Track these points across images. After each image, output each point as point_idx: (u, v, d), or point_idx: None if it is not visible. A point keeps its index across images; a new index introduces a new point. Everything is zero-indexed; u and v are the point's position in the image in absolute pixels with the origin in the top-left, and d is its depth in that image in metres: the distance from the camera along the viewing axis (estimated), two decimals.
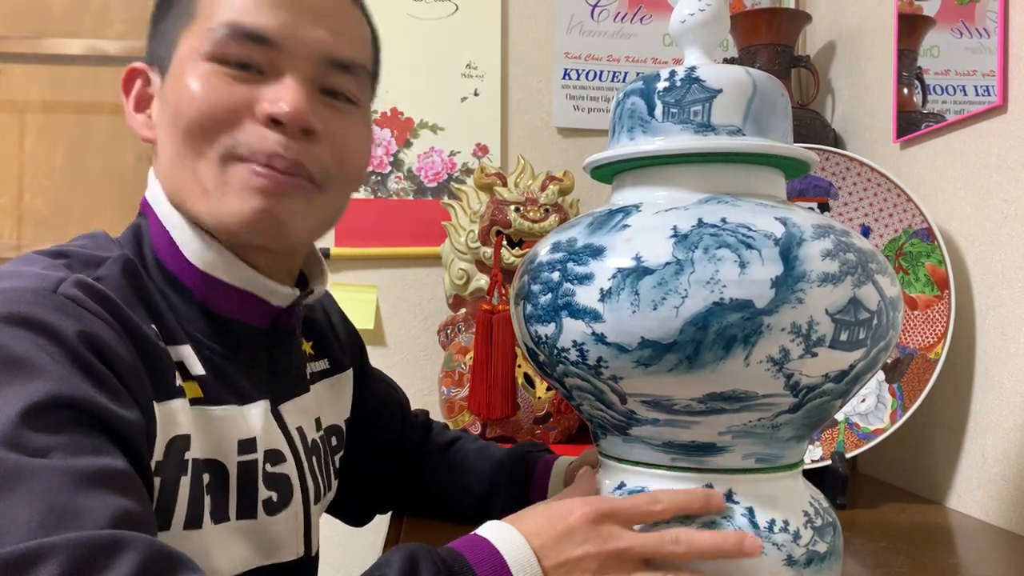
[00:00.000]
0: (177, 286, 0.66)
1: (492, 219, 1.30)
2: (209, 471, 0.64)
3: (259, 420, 0.68)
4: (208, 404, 0.64)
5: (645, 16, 1.63)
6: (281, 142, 0.63)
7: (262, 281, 0.68)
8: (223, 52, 0.64)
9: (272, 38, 0.64)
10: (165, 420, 0.59)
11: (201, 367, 0.64)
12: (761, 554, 0.58)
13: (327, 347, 0.85)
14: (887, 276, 0.59)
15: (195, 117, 0.63)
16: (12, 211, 1.73)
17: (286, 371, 0.74)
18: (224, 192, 0.64)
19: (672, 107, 0.62)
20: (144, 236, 0.68)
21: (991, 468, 1.02)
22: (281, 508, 0.69)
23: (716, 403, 0.57)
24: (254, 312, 0.69)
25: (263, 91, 0.64)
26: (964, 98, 1.08)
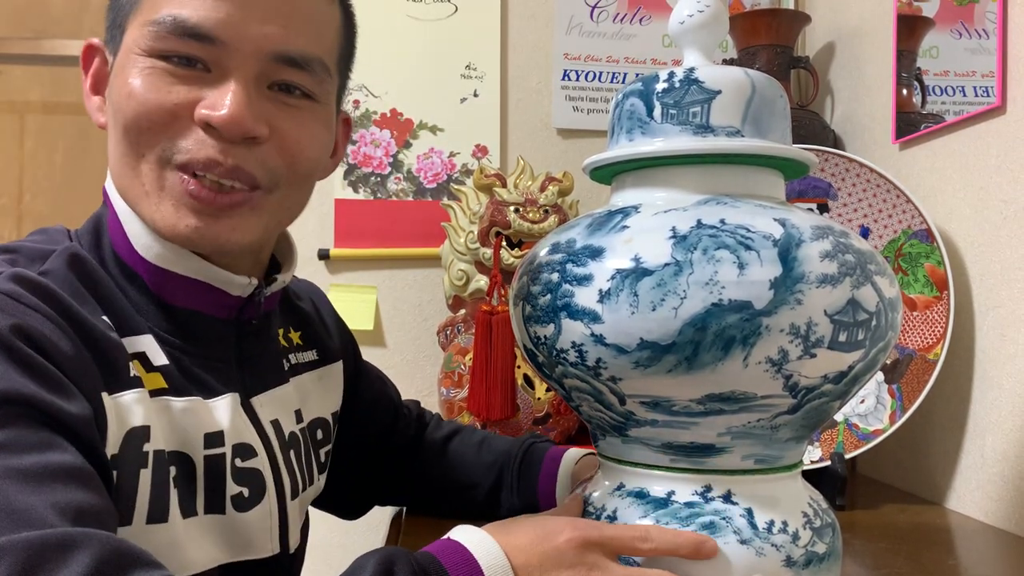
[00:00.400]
0: (133, 278, 0.64)
1: (491, 220, 1.30)
2: (175, 463, 0.62)
3: (226, 413, 0.65)
4: (171, 395, 0.62)
5: (644, 17, 1.63)
6: (219, 147, 0.60)
7: (216, 272, 0.65)
8: (164, 48, 0.60)
9: (216, 35, 0.60)
10: (119, 412, 0.57)
11: (164, 357, 0.63)
12: (760, 555, 0.58)
13: (316, 338, 0.83)
14: (886, 277, 0.60)
15: (133, 118, 0.60)
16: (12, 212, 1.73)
17: (257, 362, 0.71)
18: (160, 199, 0.62)
19: (671, 108, 0.62)
20: (103, 227, 0.66)
21: (990, 469, 1.02)
22: (252, 504, 0.67)
23: (715, 404, 0.57)
24: (212, 303, 0.67)
25: (205, 92, 0.60)
26: (963, 99, 1.08)
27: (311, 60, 0.64)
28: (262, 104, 0.62)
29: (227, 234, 0.62)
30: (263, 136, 0.62)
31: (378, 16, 1.59)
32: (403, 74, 1.59)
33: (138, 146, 0.61)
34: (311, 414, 0.80)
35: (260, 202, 0.64)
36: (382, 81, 1.58)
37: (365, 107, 1.58)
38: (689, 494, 0.61)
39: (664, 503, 0.61)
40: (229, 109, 0.59)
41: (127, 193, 0.64)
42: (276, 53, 0.62)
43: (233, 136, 0.60)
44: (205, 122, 0.60)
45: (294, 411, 0.76)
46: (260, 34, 0.61)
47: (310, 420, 0.79)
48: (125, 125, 0.61)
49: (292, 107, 0.64)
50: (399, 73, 1.59)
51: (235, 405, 0.67)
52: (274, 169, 0.64)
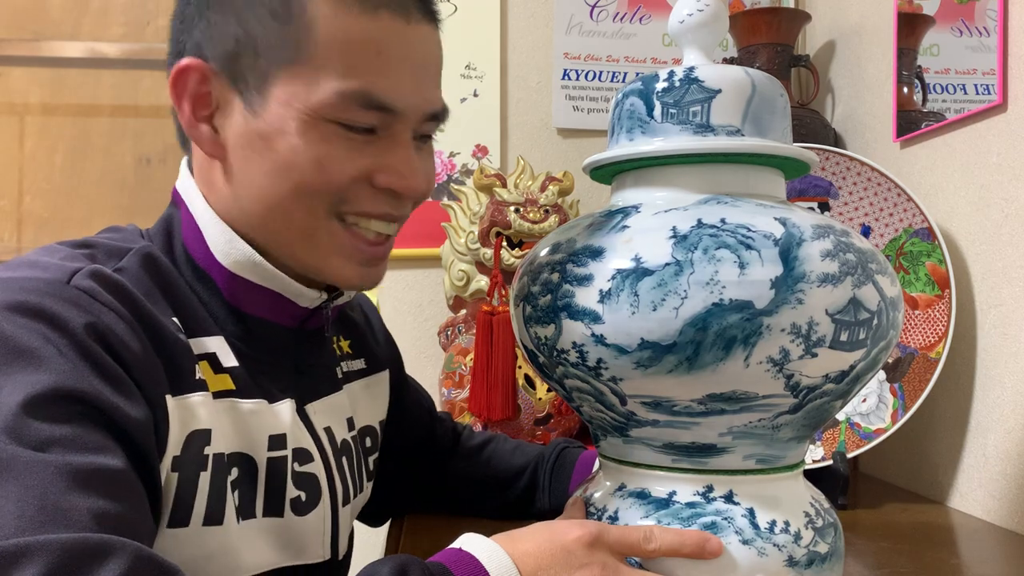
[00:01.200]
0: (206, 281, 0.66)
1: (492, 220, 1.30)
2: (238, 465, 0.63)
3: (287, 417, 0.67)
4: (239, 397, 0.64)
5: (644, 16, 1.63)
6: (392, 204, 0.66)
7: (289, 283, 0.67)
8: (348, 118, 0.62)
9: (399, 107, 0.63)
10: (182, 414, 0.59)
11: (234, 359, 0.64)
12: (762, 555, 0.58)
13: (365, 346, 0.84)
14: (887, 276, 0.59)
15: (313, 181, 0.62)
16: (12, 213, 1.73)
17: (313, 370, 0.73)
18: (329, 253, 0.65)
19: (671, 108, 0.62)
20: (175, 228, 0.68)
21: (993, 467, 1.01)
22: (309, 508, 0.68)
23: (716, 404, 0.57)
24: (282, 312, 0.68)
25: (378, 157, 0.64)
26: (964, 97, 1.07)
27: (446, 112, 0.69)
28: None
29: (377, 277, 0.69)
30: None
31: None
32: None
33: (312, 203, 0.63)
34: (361, 422, 0.81)
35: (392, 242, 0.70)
36: None
37: None
38: (691, 494, 0.60)
39: (665, 503, 0.61)
40: (414, 179, 0.65)
41: (277, 235, 0.65)
42: (432, 113, 0.67)
43: (414, 198, 0.67)
44: (392, 189, 0.64)
45: (346, 419, 0.77)
46: (427, 100, 0.65)
47: (360, 428, 0.80)
48: (301, 185, 0.62)
49: (426, 152, 0.69)
50: None
51: (292, 411, 0.68)
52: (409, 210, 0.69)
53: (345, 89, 0.61)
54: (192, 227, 0.67)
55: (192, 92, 0.64)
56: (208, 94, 0.64)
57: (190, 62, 0.63)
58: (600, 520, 0.63)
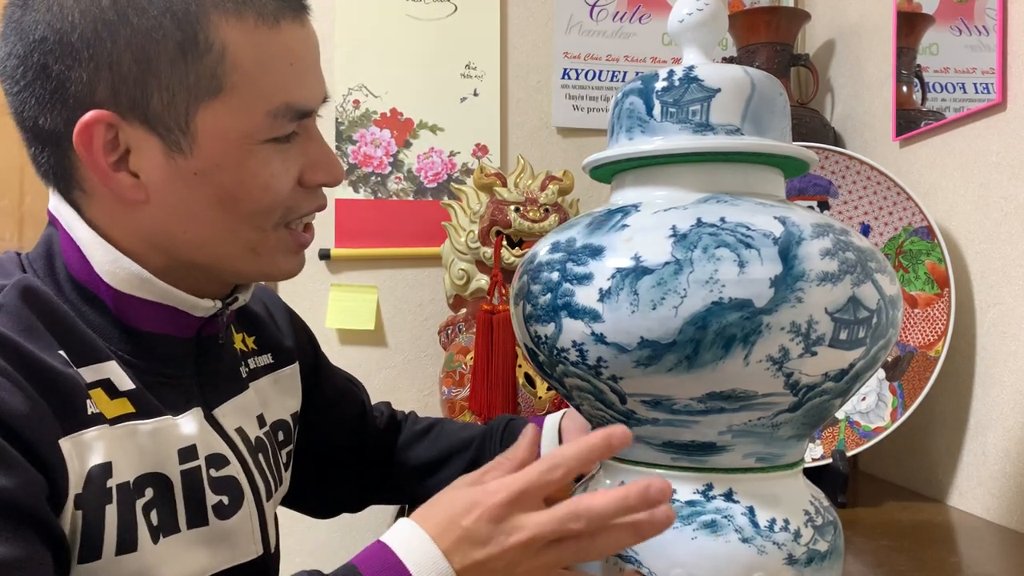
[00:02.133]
0: (93, 301, 0.64)
1: (492, 219, 1.30)
2: (152, 486, 0.62)
3: (194, 427, 0.66)
4: (140, 418, 0.62)
5: (644, 16, 1.63)
6: (322, 196, 0.69)
7: (183, 296, 0.65)
8: (281, 134, 0.63)
9: (314, 108, 0.66)
10: (80, 451, 0.57)
11: (130, 381, 0.62)
12: (761, 553, 0.58)
13: (270, 340, 0.83)
14: (886, 275, 0.59)
15: (263, 203, 0.64)
16: (13, 213, 1.73)
17: (216, 375, 0.72)
18: (274, 255, 0.67)
19: (671, 107, 0.62)
20: (55, 249, 0.65)
21: (992, 466, 1.02)
22: (234, 510, 0.68)
23: (716, 402, 0.57)
24: (176, 324, 0.67)
25: (303, 157, 0.66)
26: (963, 96, 1.08)
27: None
28: None
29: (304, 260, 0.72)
30: None
31: (378, 16, 1.59)
32: (403, 74, 1.59)
33: (262, 223, 0.65)
34: (272, 417, 0.80)
35: None
36: (382, 81, 1.58)
37: (365, 107, 1.58)
38: (690, 493, 0.61)
39: None
40: (336, 168, 0.68)
41: (220, 258, 0.66)
42: None
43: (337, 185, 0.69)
44: (325, 184, 0.68)
45: (256, 416, 0.76)
46: (324, 91, 0.67)
47: (272, 423, 0.80)
48: (255, 211, 0.64)
49: None
50: (399, 73, 1.59)
51: (200, 419, 0.67)
52: None
53: (272, 108, 0.62)
54: (72, 248, 0.64)
55: (99, 143, 0.60)
56: (115, 140, 0.60)
57: (96, 115, 0.59)
58: None
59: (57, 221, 0.65)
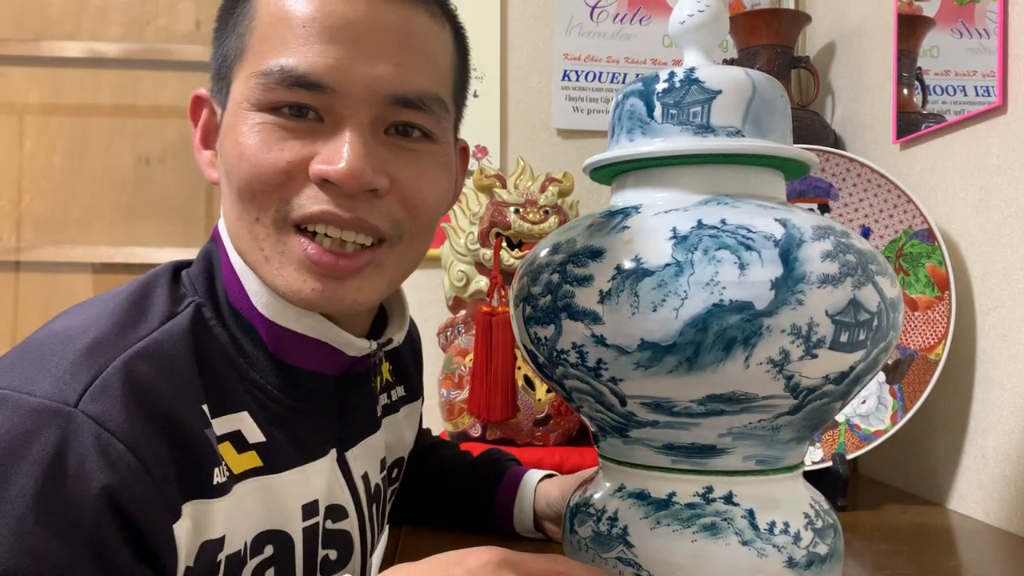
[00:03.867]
0: (249, 331, 0.60)
1: (491, 221, 1.30)
2: (272, 542, 0.58)
3: (323, 478, 0.62)
4: (269, 472, 0.58)
5: (644, 17, 1.63)
6: (335, 201, 0.56)
7: (337, 332, 0.61)
8: (273, 100, 0.55)
9: (326, 82, 0.55)
10: (197, 521, 0.52)
11: (261, 433, 0.58)
12: (761, 556, 0.58)
13: (405, 373, 0.80)
14: (887, 277, 0.59)
15: (247, 181, 0.56)
16: (11, 213, 1.73)
17: (357, 412, 0.68)
18: (282, 264, 0.57)
19: (671, 108, 0.62)
20: (217, 272, 0.61)
21: (992, 469, 1.01)
22: (339, 567, 0.64)
23: (716, 405, 0.57)
24: (328, 362, 0.63)
25: (319, 145, 0.56)
26: (964, 98, 1.07)
27: (428, 98, 0.59)
28: (380, 152, 0.57)
29: (353, 295, 0.58)
30: (383, 188, 0.57)
31: None
32: None
33: (253, 209, 0.57)
34: (393, 456, 0.77)
35: (384, 259, 0.60)
36: None
37: None
38: (690, 495, 0.60)
39: (665, 504, 0.60)
40: (347, 162, 0.55)
41: (246, 256, 0.59)
42: (392, 95, 0.57)
43: (352, 190, 0.56)
44: (322, 178, 0.55)
45: (379, 460, 0.73)
46: (372, 76, 0.56)
47: (391, 463, 0.76)
48: (239, 188, 0.57)
49: (412, 151, 0.60)
50: None
51: (332, 464, 0.64)
52: (398, 220, 0.59)
53: (263, 68, 0.55)
54: (232, 273, 0.60)
55: (204, 125, 0.61)
56: (214, 123, 0.61)
57: (201, 92, 0.60)
58: (600, 521, 0.63)
59: (221, 243, 0.62)
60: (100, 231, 1.73)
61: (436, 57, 0.61)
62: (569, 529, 0.67)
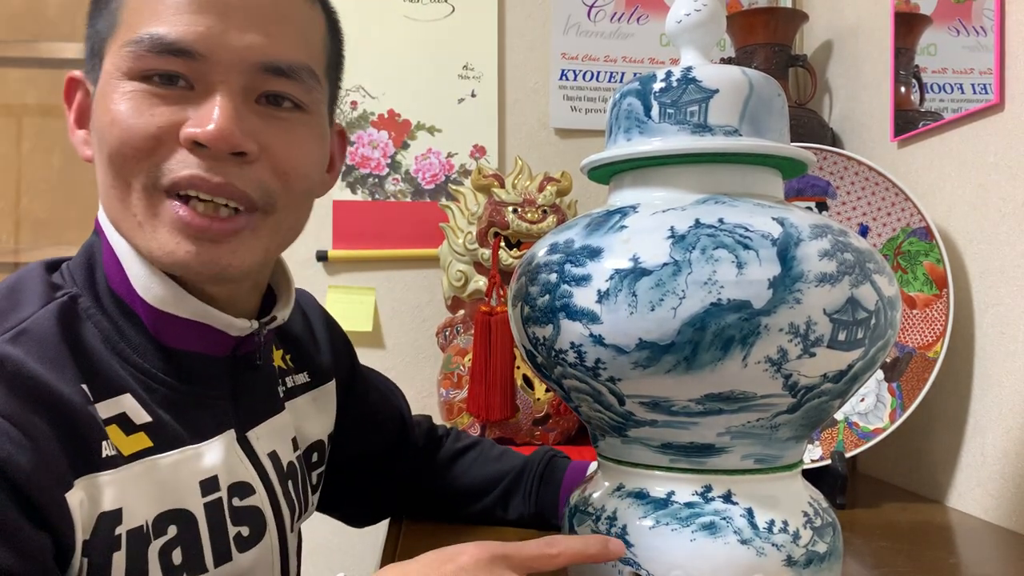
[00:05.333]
0: (130, 316, 0.61)
1: (490, 220, 1.30)
2: (175, 522, 0.59)
3: (219, 455, 0.63)
4: (158, 452, 0.59)
5: (642, 16, 1.63)
6: (204, 165, 0.57)
7: (217, 315, 0.62)
8: (144, 68, 0.57)
9: (196, 49, 0.57)
10: (91, 495, 0.54)
11: (147, 414, 0.59)
12: (760, 555, 0.58)
13: (306, 359, 0.80)
14: (885, 275, 0.59)
15: (117, 146, 0.57)
16: (10, 215, 1.72)
17: (252, 395, 0.69)
18: (155, 227, 0.58)
19: (669, 108, 0.62)
20: (97, 260, 0.63)
21: (991, 466, 1.02)
22: (254, 543, 0.65)
23: (714, 404, 0.57)
24: (212, 343, 0.64)
25: (189, 111, 0.57)
26: (961, 96, 1.08)
27: (298, 68, 0.61)
28: (251, 119, 0.59)
29: (227, 258, 0.59)
30: (253, 152, 0.59)
31: (375, 17, 1.58)
32: (400, 75, 1.59)
33: (125, 174, 0.58)
34: (308, 438, 0.78)
35: (258, 224, 0.61)
36: (379, 82, 1.58)
37: (362, 108, 1.58)
38: (689, 494, 0.60)
39: (664, 503, 0.61)
40: (216, 123, 0.56)
41: (120, 226, 0.60)
42: (261, 63, 0.59)
43: (221, 152, 0.57)
44: (192, 141, 0.57)
45: (291, 439, 0.74)
46: (242, 44, 0.58)
47: (307, 445, 0.77)
48: (110, 154, 0.57)
49: (282, 120, 0.61)
50: (396, 74, 1.59)
51: (230, 443, 0.65)
52: (269, 188, 0.60)
53: (133, 37, 0.57)
54: (113, 259, 0.62)
55: (78, 105, 0.63)
56: (88, 103, 0.62)
57: (75, 74, 0.62)
58: (599, 520, 0.63)
59: (101, 231, 0.63)
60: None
61: (306, 32, 0.63)
62: (568, 528, 0.67)
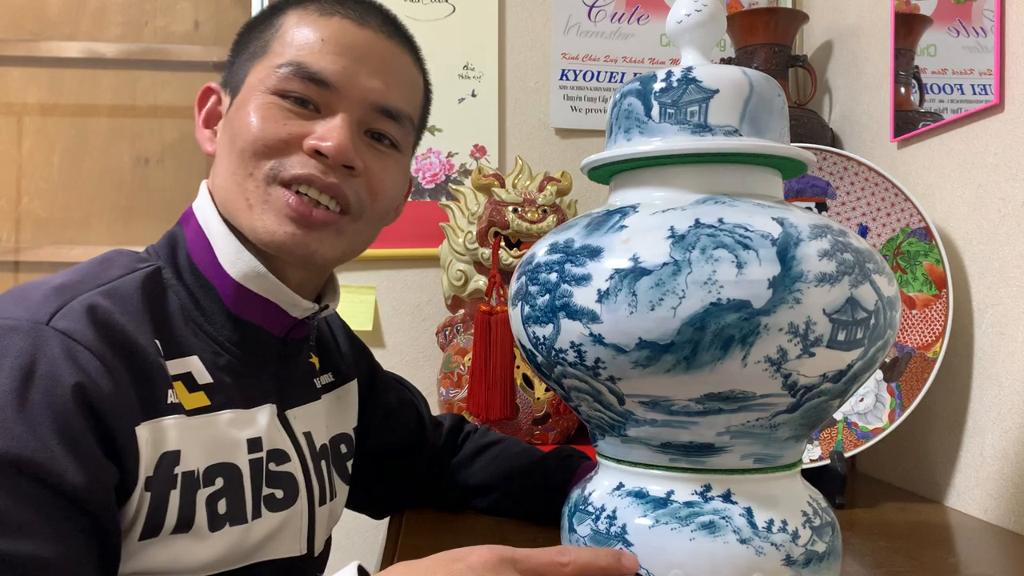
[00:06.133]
0: (208, 289, 0.70)
1: (490, 220, 1.30)
2: (222, 475, 0.67)
3: (264, 421, 0.71)
4: (214, 411, 0.67)
5: (642, 16, 1.63)
6: (319, 167, 0.69)
7: (286, 293, 0.72)
8: (285, 87, 0.69)
9: (332, 82, 0.69)
10: (155, 436, 0.62)
11: (209, 376, 0.68)
12: (759, 554, 0.58)
13: (331, 361, 0.88)
14: (884, 276, 0.59)
15: (250, 142, 0.69)
16: (10, 214, 1.73)
17: (293, 379, 0.77)
18: (264, 210, 0.69)
19: (669, 108, 0.62)
20: (179, 242, 0.72)
21: (990, 467, 1.02)
22: (287, 505, 0.72)
23: (714, 403, 0.57)
24: (274, 321, 0.73)
25: (314, 127, 0.69)
26: (961, 97, 1.08)
27: (403, 115, 0.74)
28: (359, 145, 0.72)
29: (315, 244, 0.70)
30: (358, 168, 0.71)
31: None
32: None
33: (249, 166, 0.69)
34: (335, 430, 0.84)
35: (345, 227, 0.72)
36: None
37: None
38: (688, 494, 0.61)
39: (663, 503, 0.61)
40: (336, 140, 0.68)
41: (230, 205, 0.71)
42: (377, 104, 0.72)
43: (336, 162, 0.69)
44: (314, 149, 0.69)
45: (325, 425, 0.81)
46: (367, 86, 0.71)
47: (335, 435, 0.84)
48: (242, 148, 0.69)
49: (381, 152, 0.74)
50: None
51: (272, 415, 0.72)
52: (362, 199, 0.72)
53: (282, 62, 0.70)
54: (200, 240, 0.72)
55: (208, 110, 0.76)
56: (219, 115, 0.75)
57: (212, 84, 0.76)
58: (599, 519, 0.63)
59: (192, 218, 0.73)
60: (99, 231, 1.73)
61: (412, 90, 0.78)
62: (568, 527, 0.67)
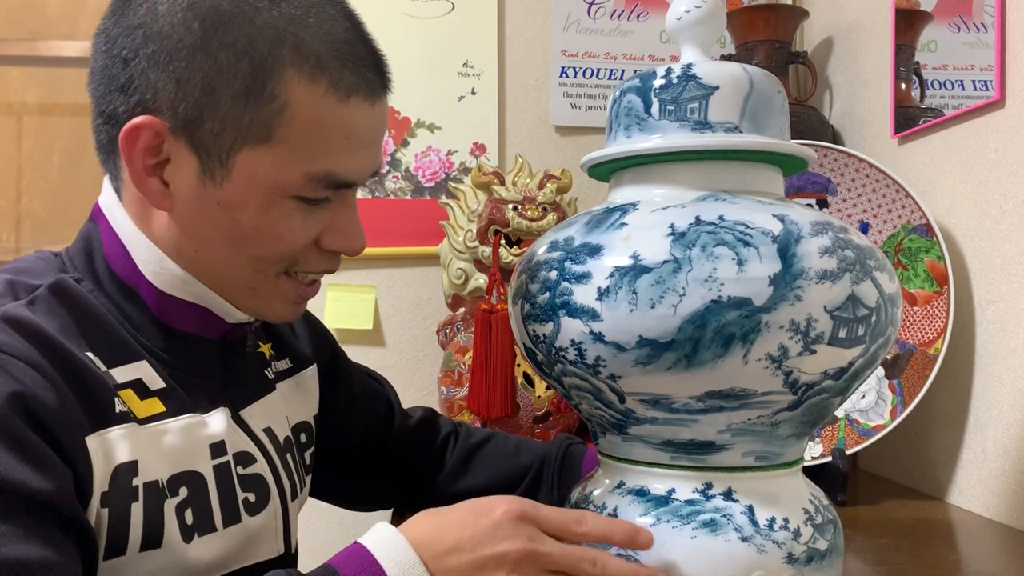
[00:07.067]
0: (133, 298, 0.66)
1: (490, 218, 1.30)
2: (187, 484, 0.63)
3: (222, 424, 0.67)
4: (171, 416, 0.64)
5: (642, 13, 1.62)
6: (333, 261, 0.69)
7: (219, 301, 0.68)
8: (310, 195, 0.63)
9: (357, 181, 0.66)
10: (106, 449, 0.58)
11: (161, 380, 0.64)
12: (761, 552, 0.58)
13: (286, 346, 0.85)
14: (885, 272, 0.59)
15: (271, 252, 0.65)
16: (10, 213, 1.72)
17: (240, 378, 0.73)
18: (272, 298, 0.68)
19: (669, 105, 0.62)
20: (95, 245, 0.67)
21: (991, 463, 1.02)
22: (260, 507, 0.70)
23: (715, 401, 0.57)
24: (209, 327, 0.69)
25: (327, 217, 0.66)
26: (962, 93, 1.07)
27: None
28: None
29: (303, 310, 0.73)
30: None
31: (375, 14, 1.58)
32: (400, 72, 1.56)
33: (264, 266, 0.66)
34: (295, 419, 0.82)
35: None
36: None
37: None
38: (690, 492, 0.60)
39: (665, 501, 0.61)
40: (357, 242, 0.68)
41: (223, 284, 0.67)
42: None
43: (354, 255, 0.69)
44: (338, 252, 0.68)
45: (284, 416, 0.78)
46: (375, 168, 0.68)
47: (294, 425, 0.81)
48: (260, 256, 0.65)
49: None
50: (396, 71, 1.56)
51: (228, 418, 0.69)
52: None
53: (312, 172, 0.62)
54: (115, 244, 0.66)
55: (143, 145, 0.62)
56: (159, 146, 0.62)
57: (143, 121, 0.61)
58: None
59: (101, 217, 0.68)
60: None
61: None
62: None
